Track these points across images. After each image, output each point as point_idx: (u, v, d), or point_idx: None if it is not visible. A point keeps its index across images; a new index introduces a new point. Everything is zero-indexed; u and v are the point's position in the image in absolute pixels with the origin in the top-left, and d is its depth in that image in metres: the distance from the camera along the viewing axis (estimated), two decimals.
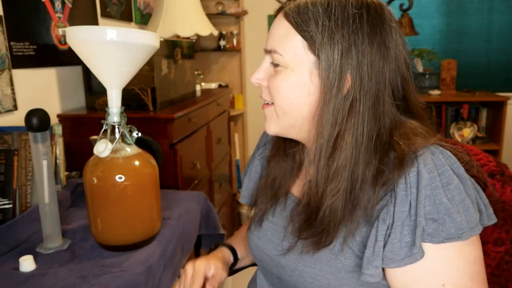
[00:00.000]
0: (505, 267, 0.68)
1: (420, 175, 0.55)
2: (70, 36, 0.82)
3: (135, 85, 1.53)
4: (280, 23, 0.63)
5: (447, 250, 0.55)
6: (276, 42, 0.63)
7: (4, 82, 1.30)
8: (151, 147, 1.20)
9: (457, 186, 0.56)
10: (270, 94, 0.66)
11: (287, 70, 0.62)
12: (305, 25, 0.59)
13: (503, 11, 2.99)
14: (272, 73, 0.65)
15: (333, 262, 0.62)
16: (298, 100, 0.63)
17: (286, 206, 0.74)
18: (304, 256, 0.65)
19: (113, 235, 0.91)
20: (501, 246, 0.67)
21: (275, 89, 0.64)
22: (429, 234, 0.55)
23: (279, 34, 0.63)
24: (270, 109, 0.67)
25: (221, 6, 3.08)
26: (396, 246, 0.56)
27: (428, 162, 0.56)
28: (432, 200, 0.55)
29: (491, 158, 0.70)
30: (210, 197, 1.98)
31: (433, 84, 2.93)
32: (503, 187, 0.66)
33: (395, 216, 0.56)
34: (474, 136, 2.86)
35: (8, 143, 1.06)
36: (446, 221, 0.54)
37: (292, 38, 0.61)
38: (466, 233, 0.55)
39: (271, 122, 0.68)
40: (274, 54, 0.63)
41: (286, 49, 0.62)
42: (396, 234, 0.56)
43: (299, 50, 0.61)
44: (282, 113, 0.65)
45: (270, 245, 0.73)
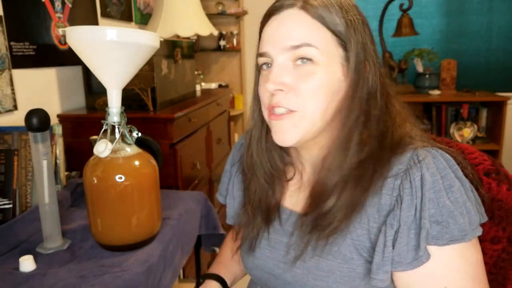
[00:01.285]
0: (502, 265, 0.68)
1: (424, 179, 0.56)
2: (70, 36, 0.82)
3: (135, 85, 1.53)
4: (300, 16, 0.58)
5: (449, 252, 0.56)
6: (306, 35, 0.57)
7: (4, 82, 1.30)
8: (151, 147, 1.20)
9: (458, 188, 0.56)
10: (300, 99, 0.59)
11: (319, 67, 0.58)
12: (332, 19, 0.57)
13: (503, 11, 2.99)
14: (296, 77, 0.58)
15: (346, 272, 0.60)
16: (329, 99, 0.59)
17: (282, 221, 0.70)
18: (313, 270, 0.63)
19: (113, 235, 0.91)
20: (498, 244, 0.67)
21: (311, 94, 0.58)
22: (433, 237, 0.55)
23: (305, 28, 0.57)
24: (292, 118, 0.60)
25: (221, 6, 3.08)
26: (403, 249, 0.56)
27: (431, 166, 0.57)
28: (436, 202, 0.55)
29: (486, 157, 0.70)
30: (210, 197, 1.98)
31: (433, 84, 2.93)
32: (499, 186, 0.67)
33: (401, 220, 0.56)
34: (474, 136, 2.86)
35: (8, 143, 1.06)
36: (450, 224, 0.55)
37: (320, 32, 0.57)
38: (469, 235, 0.55)
39: (292, 132, 0.60)
40: (307, 48, 0.57)
41: (318, 43, 0.57)
42: (403, 238, 0.56)
43: (330, 45, 0.58)
44: (310, 118, 0.59)
45: (271, 263, 0.69)
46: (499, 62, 3.06)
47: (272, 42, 0.60)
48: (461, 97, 2.80)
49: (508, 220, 0.66)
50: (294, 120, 0.60)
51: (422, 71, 2.95)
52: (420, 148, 0.59)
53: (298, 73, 0.58)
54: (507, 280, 0.68)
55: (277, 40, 0.59)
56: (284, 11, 0.59)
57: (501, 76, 3.07)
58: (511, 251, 0.67)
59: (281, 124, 0.61)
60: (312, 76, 0.58)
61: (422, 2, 3.07)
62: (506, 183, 0.67)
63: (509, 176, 0.68)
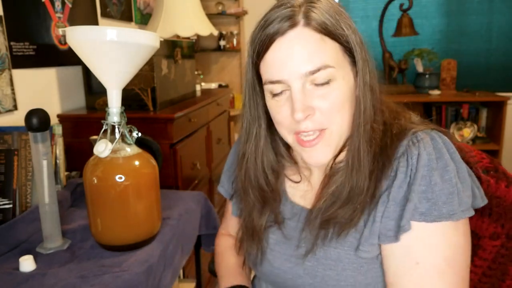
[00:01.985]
0: (501, 260, 0.69)
1: (420, 157, 0.58)
2: (70, 36, 0.82)
3: (135, 85, 1.53)
4: (308, 35, 0.56)
5: (432, 229, 0.57)
6: (321, 56, 0.56)
7: (4, 82, 1.30)
8: (151, 147, 1.20)
9: (452, 169, 0.58)
10: (326, 118, 0.59)
11: (338, 82, 0.58)
12: (334, 28, 0.57)
13: (503, 11, 2.99)
14: (318, 96, 0.58)
15: (353, 259, 0.62)
16: (351, 107, 0.60)
17: (293, 216, 0.71)
18: (322, 260, 0.64)
19: (113, 235, 0.91)
20: (497, 240, 0.68)
21: (336, 108, 0.58)
22: (422, 214, 0.57)
23: (317, 48, 0.56)
24: (323, 138, 0.60)
25: (221, 6, 3.08)
26: (389, 224, 0.59)
27: (428, 145, 0.59)
28: (428, 180, 0.57)
29: (484, 155, 0.72)
30: (210, 197, 1.98)
31: (433, 84, 2.93)
32: (497, 183, 0.68)
33: (391, 196, 0.59)
34: (474, 136, 2.86)
35: (8, 143, 1.06)
36: (439, 202, 0.56)
37: (329, 46, 0.57)
38: (457, 215, 0.56)
39: (325, 152, 0.62)
40: (324, 71, 0.56)
41: (333, 59, 0.57)
42: (389, 213, 0.59)
43: (340, 55, 0.58)
44: (339, 132, 0.61)
45: (282, 258, 0.70)
46: (499, 62, 3.06)
47: (287, 69, 0.57)
48: (461, 97, 2.80)
49: (507, 217, 0.67)
50: (325, 139, 0.61)
51: (422, 71, 2.95)
52: (420, 131, 0.61)
53: (319, 92, 0.58)
54: (506, 275, 0.69)
55: (292, 66, 0.57)
56: (289, 32, 0.57)
57: (501, 76, 3.07)
58: (509, 246, 0.68)
59: (314, 149, 0.61)
60: (333, 93, 0.58)
61: (422, 2, 3.07)
62: (504, 180, 0.68)
63: (508, 173, 0.69)
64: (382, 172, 0.61)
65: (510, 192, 0.67)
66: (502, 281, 0.70)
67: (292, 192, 0.73)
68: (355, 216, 0.61)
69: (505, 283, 0.70)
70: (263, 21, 0.59)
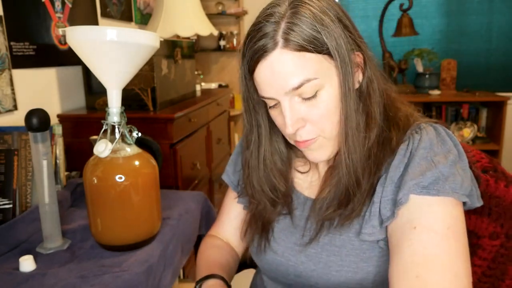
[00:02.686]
0: (500, 260, 0.69)
1: (421, 140, 0.60)
2: (70, 36, 0.82)
3: (135, 85, 1.53)
4: (287, 56, 0.57)
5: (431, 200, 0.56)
6: (302, 72, 0.58)
7: (4, 82, 1.30)
8: (151, 147, 1.20)
9: (455, 156, 0.59)
10: (317, 126, 0.62)
11: (324, 90, 0.60)
12: (314, 42, 0.57)
13: (503, 11, 2.99)
14: (306, 108, 0.60)
15: (357, 244, 0.63)
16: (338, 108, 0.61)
17: (298, 206, 0.73)
18: (326, 246, 0.65)
19: (113, 235, 0.91)
20: (496, 239, 0.68)
21: (325, 116, 0.61)
22: (424, 187, 0.56)
23: (297, 67, 0.58)
24: (318, 141, 0.63)
25: (221, 6, 3.08)
26: (389, 203, 0.59)
27: (431, 133, 0.61)
28: (429, 160, 0.58)
29: (483, 155, 0.72)
30: (210, 197, 1.99)
31: (433, 84, 2.93)
32: (497, 183, 0.68)
33: (388, 176, 0.60)
34: (474, 136, 2.86)
35: (8, 143, 1.06)
36: (442, 178, 0.56)
37: (310, 60, 0.58)
38: (458, 195, 0.56)
39: (321, 152, 0.65)
40: (307, 84, 0.58)
41: (315, 71, 0.58)
42: (387, 192, 0.60)
43: (324, 65, 0.59)
44: (331, 136, 0.63)
45: (285, 246, 0.71)
46: (499, 62, 3.06)
47: (273, 89, 0.60)
48: (461, 97, 2.80)
49: (506, 216, 0.67)
50: (319, 144, 0.63)
51: (422, 71, 2.95)
52: (424, 123, 0.63)
53: (308, 103, 0.60)
54: (506, 275, 0.69)
55: (276, 86, 0.59)
56: (269, 55, 0.58)
57: (501, 76, 3.07)
58: (509, 246, 0.68)
59: (310, 150, 0.65)
60: (321, 103, 0.60)
61: (422, 2, 3.07)
62: (503, 180, 0.68)
63: (507, 173, 0.70)
64: (383, 161, 0.62)
65: (509, 191, 0.67)
66: (502, 280, 0.70)
67: (298, 183, 0.75)
68: (357, 207, 0.62)
69: (505, 283, 0.70)
70: (248, 38, 0.61)
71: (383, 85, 0.66)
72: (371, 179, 0.62)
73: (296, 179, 0.75)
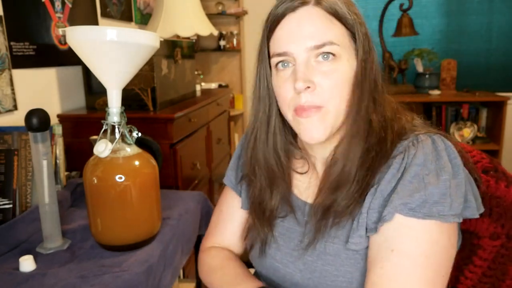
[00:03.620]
0: (501, 260, 0.69)
1: (416, 156, 0.58)
2: (70, 36, 0.82)
3: (135, 85, 1.53)
4: (318, 13, 0.60)
5: (415, 223, 0.56)
6: (327, 33, 0.59)
7: (4, 82, 1.30)
8: (151, 147, 1.20)
9: (448, 172, 0.57)
10: (325, 94, 0.60)
11: (341, 63, 0.60)
12: (343, 13, 0.60)
13: (503, 11, 2.99)
14: (321, 73, 0.60)
15: (351, 254, 0.62)
16: (350, 91, 0.61)
17: (297, 210, 0.71)
18: (321, 255, 0.65)
19: (113, 235, 0.91)
20: (497, 240, 0.68)
21: (334, 88, 0.60)
22: (411, 209, 0.56)
23: (324, 26, 0.60)
24: (318, 114, 0.61)
25: (221, 6, 3.08)
26: (375, 216, 0.59)
27: (427, 147, 0.59)
28: (420, 178, 0.57)
29: (484, 155, 0.72)
30: (210, 197, 1.98)
31: (433, 84, 2.93)
32: (497, 183, 0.68)
33: (379, 189, 0.60)
34: (474, 136, 2.86)
35: (8, 143, 1.06)
36: (430, 200, 0.56)
37: (337, 27, 0.60)
38: (446, 217, 0.55)
39: (320, 129, 0.62)
40: (329, 46, 0.59)
41: (339, 39, 0.60)
42: (375, 205, 0.59)
43: (345, 39, 0.61)
44: (335, 112, 0.62)
45: (283, 253, 0.70)
46: (499, 62, 3.06)
47: (294, 42, 0.60)
48: (461, 97, 2.80)
49: (507, 217, 0.67)
50: (320, 116, 0.61)
51: (422, 71, 2.95)
52: (422, 133, 0.62)
53: (322, 69, 0.60)
54: (506, 275, 0.69)
55: (299, 39, 0.60)
56: (300, 9, 0.60)
57: (501, 76, 3.07)
58: (509, 247, 0.68)
59: (309, 121, 0.62)
60: (335, 72, 0.60)
61: (422, 2, 3.06)
62: (504, 180, 0.68)
63: (507, 173, 0.69)
64: (377, 165, 0.61)
65: (510, 192, 0.67)
66: (502, 281, 0.70)
67: (296, 185, 0.74)
68: (350, 204, 0.62)
69: (505, 283, 0.70)
70: (277, 1, 0.63)
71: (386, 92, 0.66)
72: (362, 178, 0.61)
73: (295, 180, 0.74)
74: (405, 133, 0.63)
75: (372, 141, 0.62)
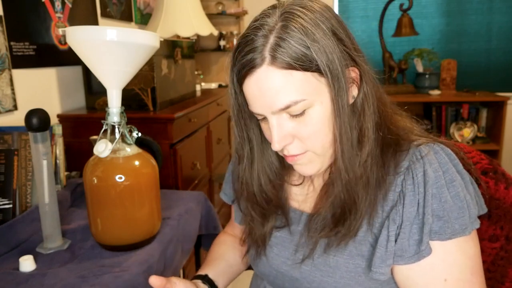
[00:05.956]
0: (500, 262, 0.69)
1: (427, 175, 0.57)
2: (70, 36, 0.82)
3: (135, 85, 1.53)
4: (274, 75, 0.55)
5: (449, 246, 0.57)
6: (288, 94, 0.55)
7: (4, 82, 1.30)
8: (151, 147, 1.20)
9: (459, 183, 0.58)
10: (305, 143, 0.59)
11: (314, 108, 0.57)
12: (302, 59, 0.54)
13: (503, 11, 2.99)
14: (294, 125, 0.58)
15: (351, 267, 0.62)
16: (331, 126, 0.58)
17: (293, 220, 0.70)
18: (320, 266, 0.64)
19: (113, 235, 0.91)
20: (496, 242, 0.68)
21: (314, 134, 0.58)
22: (436, 232, 0.57)
23: (283, 87, 0.55)
24: (306, 156, 0.61)
25: (221, 6, 3.07)
26: (405, 244, 0.58)
27: (433, 161, 0.58)
28: (438, 198, 0.57)
29: (483, 156, 0.71)
30: (210, 197, 1.98)
31: (433, 84, 2.93)
32: (497, 185, 0.68)
33: (404, 216, 0.58)
34: (474, 136, 2.85)
35: (8, 143, 1.06)
36: (451, 218, 0.57)
37: (298, 79, 0.55)
38: (468, 228, 0.57)
39: (312, 165, 0.62)
40: (294, 107, 0.56)
41: (303, 91, 0.55)
42: (405, 234, 0.58)
43: (313, 83, 0.56)
44: (321, 152, 0.60)
45: (279, 260, 0.70)
46: (499, 62, 3.06)
47: (260, 106, 0.58)
48: (461, 97, 2.80)
49: (506, 219, 0.67)
50: (308, 158, 0.61)
51: (422, 71, 2.95)
52: (423, 144, 0.61)
53: (297, 120, 0.58)
54: (505, 278, 0.69)
55: (263, 104, 0.57)
56: (256, 71, 0.56)
57: (501, 76, 3.07)
58: (509, 249, 0.68)
59: (299, 162, 0.62)
60: (310, 120, 0.58)
61: (422, 2, 3.06)
62: (503, 182, 0.68)
63: (507, 175, 0.69)
64: (383, 185, 0.60)
65: (509, 194, 0.67)
66: (502, 283, 0.70)
67: (293, 197, 0.73)
68: (354, 227, 0.61)
69: (505, 286, 0.69)
70: (238, 50, 0.58)
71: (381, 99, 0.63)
72: (369, 198, 0.60)
73: (292, 194, 0.73)
74: (406, 145, 0.62)
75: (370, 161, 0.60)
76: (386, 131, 0.62)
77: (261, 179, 0.69)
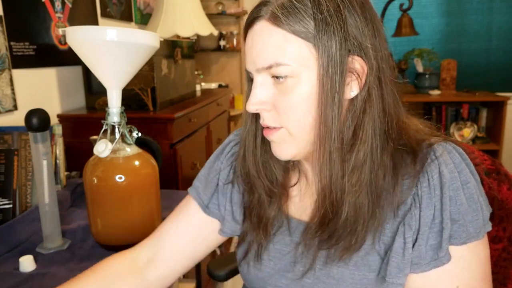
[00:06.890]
0: (502, 264, 0.68)
1: (443, 176, 0.54)
2: (70, 36, 0.82)
3: (135, 85, 1.53)
4: (269, 31, 0.53)
5: (462, 251, 0.54)
6: (274, 53, 0.53)
7: (4, 82, 1.30)
8: (151, 147, 1.20)
9: (473, 184, 0.55)
10: (281, 116, 0.55)
11: (299, 80, 0.53)
12: (302, 25, 0.51)
13: (503, 11, 2.99)
14: (276, 93, 0.55)
15: (357, 279, 0.57)
16: (313, 108, 0.53)
17: (290, 231, 0.65)
18: (323, 278, 0.59)
19: (113, 235, 0.91)
20: (499, 243, 0.67)
21: (292, 109, 0.54)
22: (451, 236, 0.54)
23: (274, 45, 0.53)
24: (280, 133, 0.56)
25: (221, 6, 3.08)
26: (422, 250, 0.54)
27: (448, 162, 0.55)
28: (454, 200, 0.54)
29: (486, 156, 0.70)
30: None
31: (433, 84, 2.93)
32: (499, 186, 0.67)
33: (421, 220, 0.54)
34: (474, 136, 2.86)
35: (8, 143, 1.06)
36: (466, 221, 0.53)
37: (291, 43, 0.52)
38: (482, 231, 0.54)
39: (286, 146, 0.57)
40: (277, 68, 0.53)
41: (291, 57, 0.52)
42: (423, 239, 0.54)
43: (304, 53, 0.52)
44: (297, 134, 0.55)
45: (277, 275, 0.64)
46: (499, 62, 3.06)
47: (249, 61, 0.56)
48: (461, 97, 2.80)
49: (509, 220, 0.66)
50: (281, 137, 0.57)
51: (422, 71, 2.96)
52: (436, 144, 0.57)
53: (279, 88, 0.55)
54: (508, 279, 0.68)
55: (252, 60, 0.56)
56: (254, 26, 0.55)
57: (501, 76, 3.07)
58: (511, 250, 0.67)
59: (272, 140, 0.58)
60: (291, 91, 0.53)
61: (422, 2, 3.07)
62: (506, 183, 0.67)
63: (509, 175, 0.68)
64: (394, 198, 0.55)
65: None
66: (504, 285, 0.69)
67: (291, 204, 0.67)
68: (358, 240, 0.56)
69: (507, 287, 0.69)
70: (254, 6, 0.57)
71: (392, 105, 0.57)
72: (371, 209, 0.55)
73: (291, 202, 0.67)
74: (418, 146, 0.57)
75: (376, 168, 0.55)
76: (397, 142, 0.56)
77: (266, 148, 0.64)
